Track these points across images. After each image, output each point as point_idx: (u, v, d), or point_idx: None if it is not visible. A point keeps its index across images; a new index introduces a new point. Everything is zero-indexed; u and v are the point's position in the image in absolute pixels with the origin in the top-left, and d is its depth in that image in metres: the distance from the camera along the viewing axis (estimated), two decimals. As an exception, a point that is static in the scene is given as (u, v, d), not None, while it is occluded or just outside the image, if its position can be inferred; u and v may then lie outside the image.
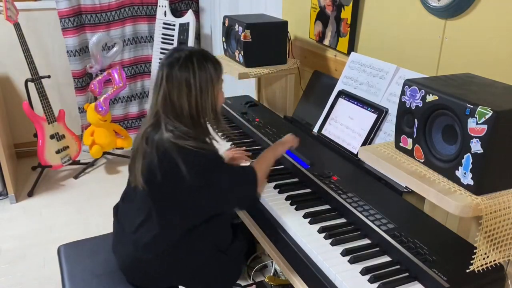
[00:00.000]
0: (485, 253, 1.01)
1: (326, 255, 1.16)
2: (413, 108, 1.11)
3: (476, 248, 1.00)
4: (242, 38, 1.97)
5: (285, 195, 1.44)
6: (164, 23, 3.39)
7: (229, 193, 1.38)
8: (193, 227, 1.40)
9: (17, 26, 2.86)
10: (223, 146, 1.81)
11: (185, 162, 1.29)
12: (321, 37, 2.09)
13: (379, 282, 1.06)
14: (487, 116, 0.92)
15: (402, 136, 1.17)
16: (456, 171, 1.01)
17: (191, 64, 1.33)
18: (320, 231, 1.25)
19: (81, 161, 3.32)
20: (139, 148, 1.38)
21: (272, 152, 1.54)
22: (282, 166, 1.64)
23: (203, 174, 1.32)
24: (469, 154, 0.97)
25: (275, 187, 1.49)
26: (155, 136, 1.33)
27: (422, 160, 1.12)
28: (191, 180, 1.30)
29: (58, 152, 3.09)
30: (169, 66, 1.34)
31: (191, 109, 1.34)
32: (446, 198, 0.99)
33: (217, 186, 1.34)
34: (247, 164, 1.64)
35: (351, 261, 1.13)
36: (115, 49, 3.38)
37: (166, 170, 1.32)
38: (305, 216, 1.33)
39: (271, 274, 2.12)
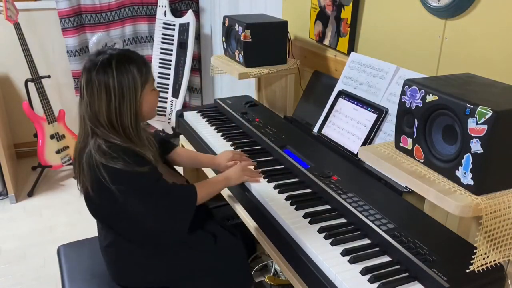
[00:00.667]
0: (485, 253, 1.01)
1: (326, 255, 1.15)
2: (413, 108, 1.11)
3: (476, 248, 1.00)
4: (242, 38, 1.97)
5: (285, 195, 1.44)
6: (164, 23, 3.39)
7: (163, 213, 1.33)
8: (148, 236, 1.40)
9: (17, 26, 2.86)
10: (223, 147, 1.81)
11: (113, 182, 1.26)
12: (321, 37, 2.09)
13: (379, 282, 1.06)
14: (487, 116, 0.92)
15: (402, 136, 1.17)
16: (456, 171, 1.01)
17: (110, 68, 1.26)
18: (320, 231, 1.25)
19: (81, 161, 3.32)
20: (75, 159, 1.36)
21: (224, 183, 1.50)
22: (282, 166, 1.64)
23: (134, 193, 1.29)
24: (469, 154, 0.97)
25: (275, 187, 1.48)
26: (85, 149, 1.29)
27: (422, 160, 1.12)
28: (122, 198, 1.28)
29: (58, 152, 3.09)
30: (88, 71, 1.27)
31: (110, 117, 1.27)
32: (446, 198, 0.99)
33: (150, 205, 1.30)
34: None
35: (351, 261, 1.13)
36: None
37: (95, 187, 1.30)
38: (305, 216, 1.32)
39: (271, 274, 2.12)
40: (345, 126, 1.70)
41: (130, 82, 1.27)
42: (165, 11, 3.37)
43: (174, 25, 3.36)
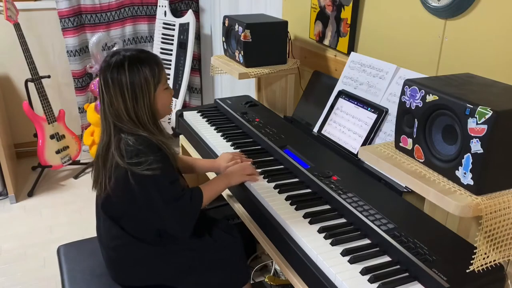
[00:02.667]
0: (485, 253, 1.01)
1: (326, 255, 1.15)
2: (413, 108, 1.11)
3: (476, 248, 1.00)
4: (242, 38, 1.97)
5: (285, 195, 1.44)
6: (164, 23, 3.40)
7: (172, 217, 1.37)
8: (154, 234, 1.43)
9: (17, 26, 2.86)
10: (223, 147, 1.81)
11: (137, 184, 1.31)
12: (321, 37, 2.09)
13: (379, 282, 1.06)
14: (487, 116, 0.92)
15: (402, 136, 1.17)
16: (456, 171, 1.01)
17: (123, 68, 1.31)
18: (320, 231, 1.25)
19: (81, 161, 3.32)
20: (98, 157, 1.39)
21: (226, 181, 1.52)
22: (282, 166, 1.64)
23: (150, 193, 1.34)
24: (469, 154, 0.97)
25: (275, 187, 1.48)
26: (110, 146, 1.34)
27: (422, 160, 1.12)
28: (139, 196, 1.34)
29: (58, 152, 3.09)
30: (103, 72, 1.33)
31: (129, 114, 1.32)
32: (446, 198, 0.99)
33: (161, 208, 1.35)
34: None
35: (351, 261, 1.13)
36: (115, 49, 3.39)
37: (115, 184, 1.34)
38: (305, 216, 1.32)
39: (271, 274, 2.12)
40: (346, 124, 1.70)
41: (143, 83, 1.32)
42: (165, 11, 3.37)
43: (174, 25, 3.36)
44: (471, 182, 0.98)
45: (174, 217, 1.37)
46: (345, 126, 1.70)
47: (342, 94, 1.76)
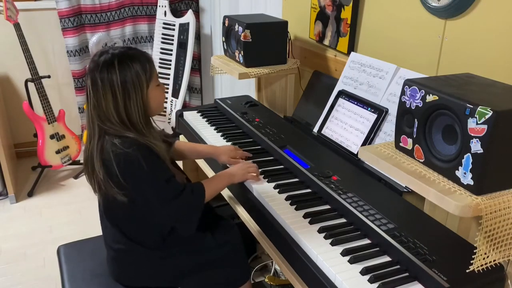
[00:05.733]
0: (485, 253, 1.01)
1: (326, 255, 1.15)
2: (413, 108, 1.11)
3: (476, 248, 1.00)
4: (242, 38, 1.97)
5: (285, 195, 1.44)
6: (164, 23, 3.40)
7: (174, 214, 1.36)
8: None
9: (17, 26, 2.86)
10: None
11: (126, 180, 1.29)
12: (321, 37, 2.09)
13: (379, 282, 1.06)
14: (487, 116, 0.92)
15: (402, 136, 1.17)
16: (456, 171, 1.01)
17: (112, 66, 1.26)
18: (320, 231, 1.25)
19: (81, 161, 3.31)
20: (87, 161, 1.37)
21: (228, 179, 1.51)
22: (282, 166, 1.64)
23: (145, 192, 1.32)
24: (469, 154, 0.97)
25: (275, 187, 1.48)
26: (96, 149, 1.31)
27: (422, 160, 1.12)
28: (133, 196, 1.32)
29: (58, 152, 3.09)
30: (92, 71, 1.28)
31: (119, 115, 1.28)
32: (446, 198, 0.99)
33: (160, 205, 1.33)
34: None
35: (351, 261, 1.13)
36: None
37: (107, 185, 1.31)
38: (305, 216, 1.33)
39: (271, 274, 2.12)
40: (347, 121, 1.70)
41: (135, 80, 1.28)
42: (165, 11, 3.37)
43: (174, 25, 3.36)
44: (471, 182, 0.98)
45: (178, 214, 1.35)
46: (346, 123, 1.70)
47: (342, 94, 1.76)
